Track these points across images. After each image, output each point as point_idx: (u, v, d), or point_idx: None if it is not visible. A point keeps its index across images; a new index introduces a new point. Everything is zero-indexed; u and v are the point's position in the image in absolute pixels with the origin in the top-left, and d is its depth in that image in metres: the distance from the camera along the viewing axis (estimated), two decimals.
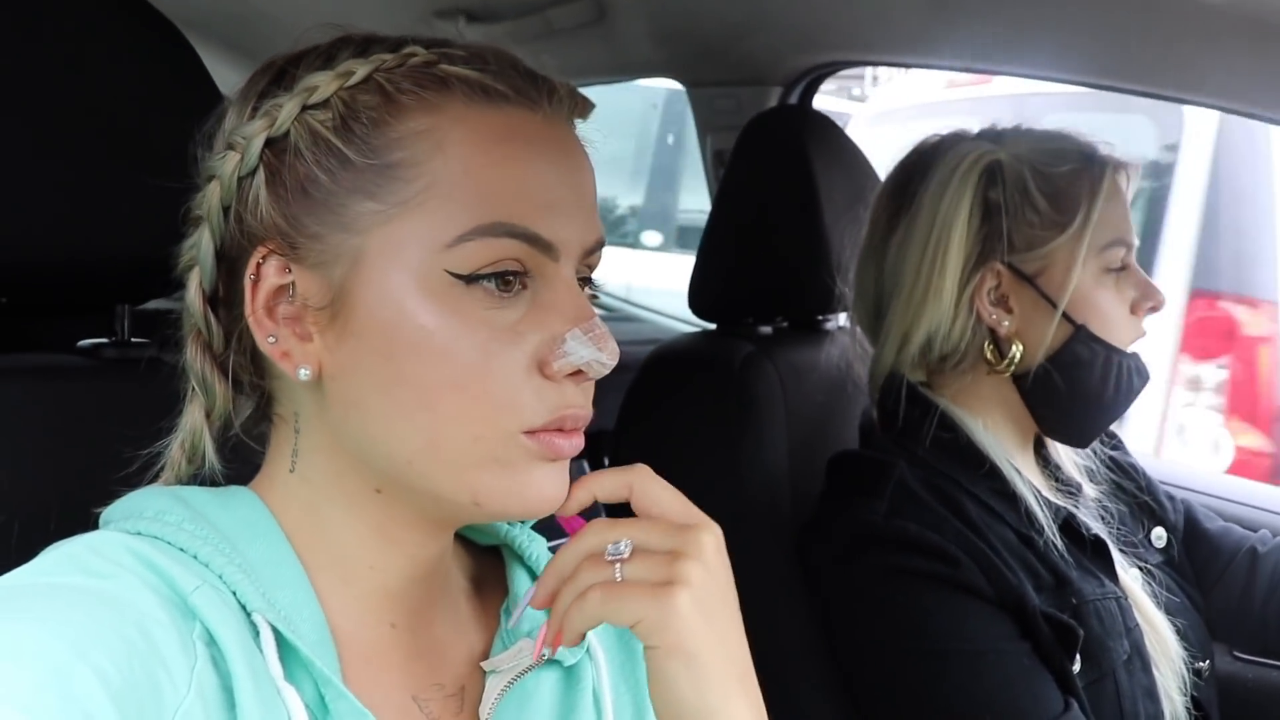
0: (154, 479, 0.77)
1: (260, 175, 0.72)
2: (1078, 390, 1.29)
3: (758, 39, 1.86)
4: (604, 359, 0.72)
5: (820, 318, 1.67)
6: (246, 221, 0.72)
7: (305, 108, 0.71)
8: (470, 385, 0.69)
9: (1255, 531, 1.49)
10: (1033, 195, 1.28)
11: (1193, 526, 1.49)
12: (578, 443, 0.74)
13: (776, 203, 1.51)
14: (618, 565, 0.73)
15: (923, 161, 1.35)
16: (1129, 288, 1.31)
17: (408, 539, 0.76)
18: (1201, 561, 1.47)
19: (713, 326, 1.62)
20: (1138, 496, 1.46)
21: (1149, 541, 1.44)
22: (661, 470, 1.43)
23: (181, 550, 0.70)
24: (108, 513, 0.75)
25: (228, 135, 0.74)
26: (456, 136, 0.70)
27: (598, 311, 0.75)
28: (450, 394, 0.69)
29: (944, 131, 1.38)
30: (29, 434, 0.87)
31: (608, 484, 0.77)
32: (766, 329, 1.59)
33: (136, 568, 0.67)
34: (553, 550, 0.92)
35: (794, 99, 1.99)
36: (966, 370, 1.33)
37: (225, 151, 0.73)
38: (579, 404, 0.73)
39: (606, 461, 1.98)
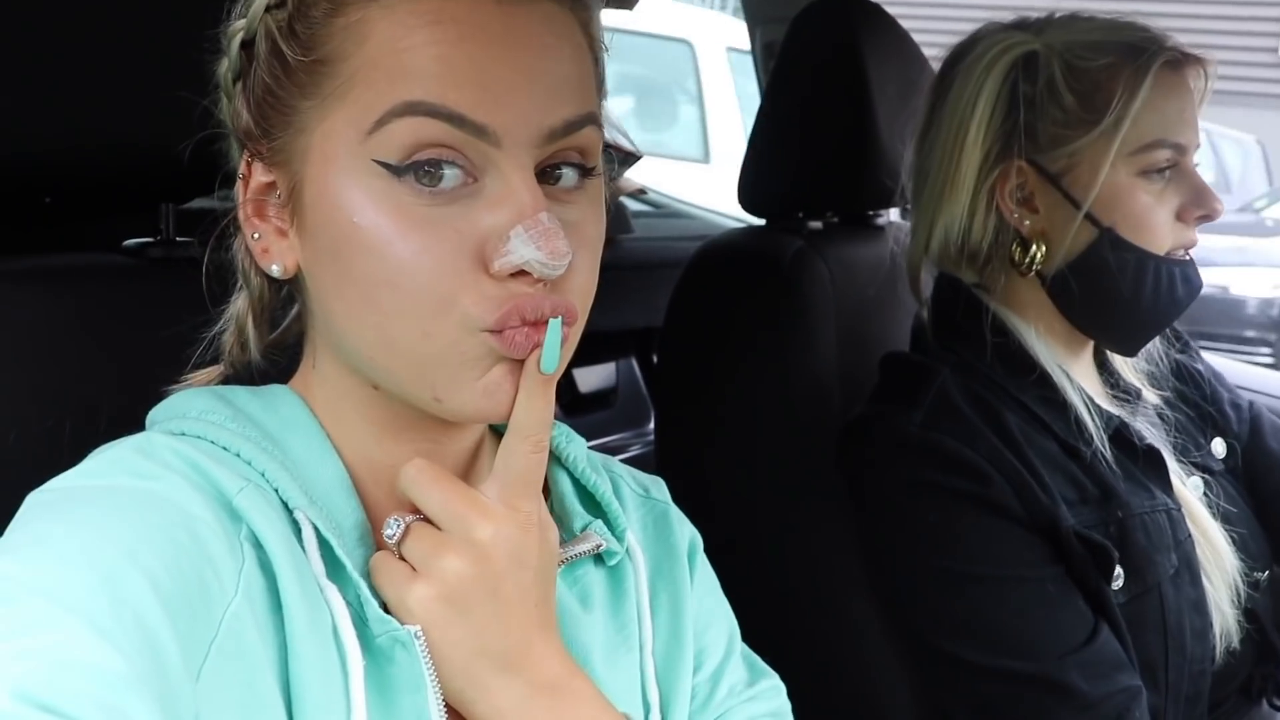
0: (207, 366, 0.78)
1: (240, 79, 0.73)
2: (1104, 295, 1.25)
3: None
4: (545, 259, 0.66)
5: (871, 213, 1.64)
6: (235, 123, 0.74)
7: (268, 7, 0.70)
8: (404, 282, 0.67)
9: None
10: (1059, 90, 1.22)
11: (1257, 440, 1.46)
12: (531, 333, 0.69)
13: (827, 96, 1.48)
14: (395, 545, 0.71)
15: (958, 53, 1.30)
16: (1176, 193, 1.23)
17: (418, 436, 0.75)
18: (1260, 475, 1.44)
19: (762, 222, 1.60)
20: (1201, 406, 1.43)
21: (1210, 451, 1.41)
22: (711, 366, 1.43)
23: (225, 449, 0.71)
24: (154, 413, 0.76)
25: (221, 35, 0.74)
26: (382, 25, 0.67)
27: (640, 207, 0.73)
28: (388, 291, 0.67)
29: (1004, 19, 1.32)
30: (78, 335, 0.87)
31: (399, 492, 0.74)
32: (817, 224, 1.57)
33: (183, 469, 0.67)
34: (593, 450, 0.92)
35: None
36: (1003, 272, 1.29)
37: (221, 57, 0.74)
38: (529, 293, 0.68)
39: (654, 359, 1.98)
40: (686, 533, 0.93)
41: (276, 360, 0.79)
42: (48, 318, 0.86)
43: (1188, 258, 1.26)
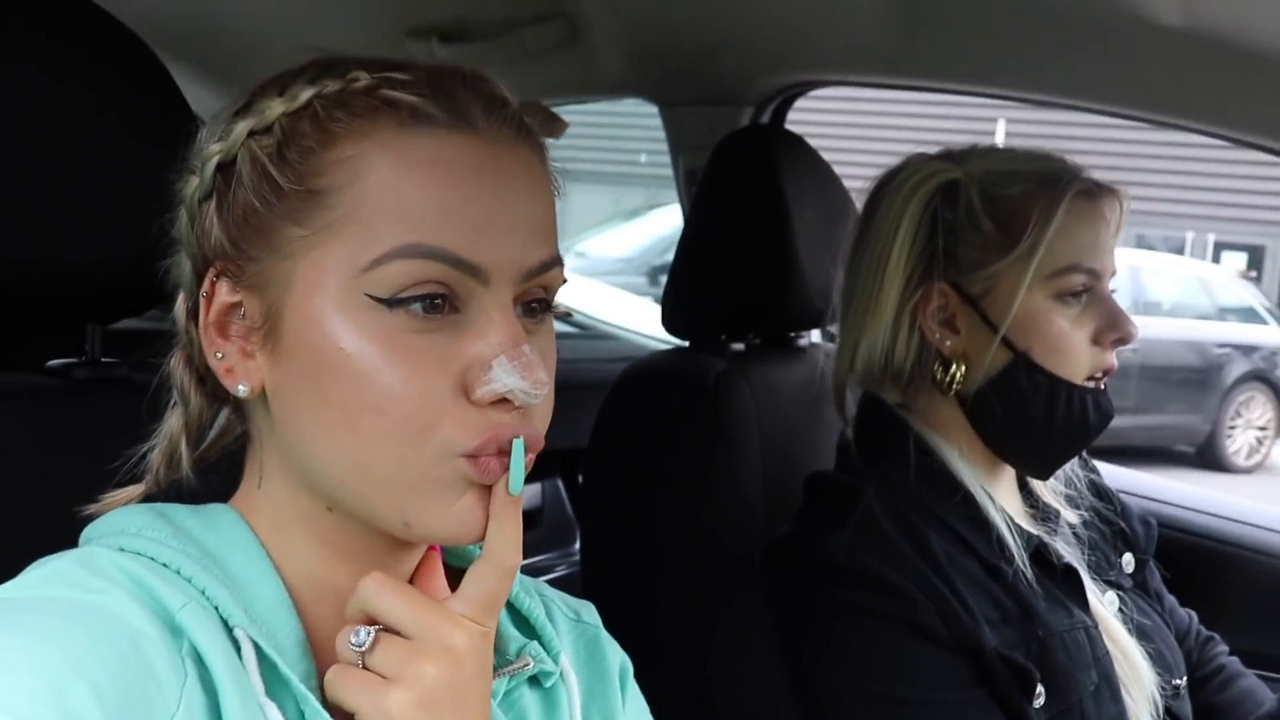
0: (130, 484, 0.78)
1: (213, 199, 0.73)
2: (1019, 418, 1.28)
3: (729, 59, 1.87)
4: (529, 388, 0.70)
5: (793, 334, 1.68)
6: (203, 242, 0.74)
7: (252, 132, 0.72)
8: (391, 408, 0.69)
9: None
10: (977, 216, 1.27)
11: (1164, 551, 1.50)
12: (500, 463, 0.72)
13: (748, 221, 1.52)
14: (359, 655, 0.71)
15: (884, 179, 1.34)
16: (1092, 317, 1.27)
17: (366, 557, 0.75)
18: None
19: (685, 344, 1.62)
20: (1114, 522, 1.46)
21: (1121, 567, 1.44)
22: (636, 486, 1.44)
23: (165, 566, 0.70)
24: (90, 530, 0.75)
25: (194, 157, 0.75)
26: (380, 162, 0.70)
27: (566, 329, 0.75)
28: (371, 416, 0.69)
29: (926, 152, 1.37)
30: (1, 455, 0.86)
31: (348, 614, 0.73)
32: (739, 346, 1.60)
33: (126, 583, 0.67)
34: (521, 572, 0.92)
35: (766, 119, 2.01)
36: (921, 390, 1.32)
37: (189, 176, 0.75)
38: (507, 422, 0.71)
39: (580, 479, 1.98)
40: (618, 657, 0.94)
41: (209, 480, 0.79)
42: None
43: (1101, 385, 1.29)
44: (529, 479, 0.74)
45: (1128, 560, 1.45)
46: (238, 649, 0.69)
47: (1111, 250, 1.29)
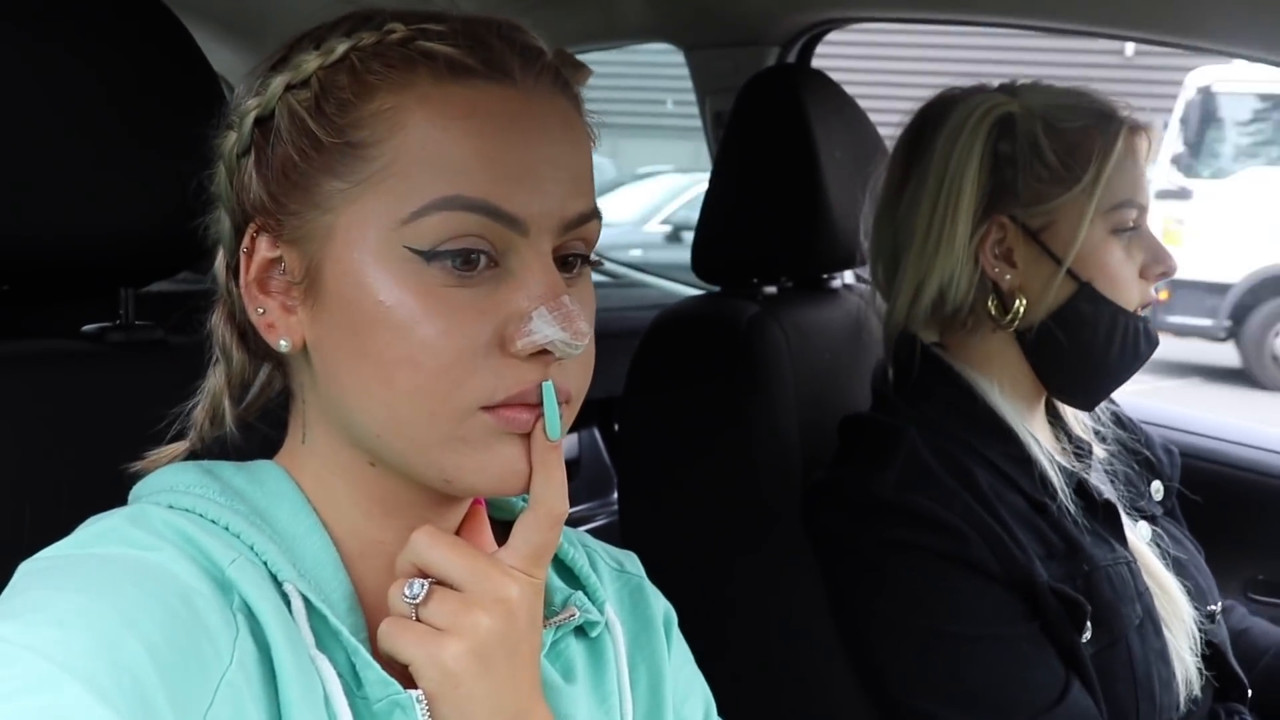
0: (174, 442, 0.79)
1: (252, 154, 0.73)
2: (1080, 349, 1.29)
3: None
4: (569, 339, 0.70)
5: (825, 276, 1.67)
6: (242, 198, 0.74)
7: (289, 86, 0.72)
8: (426, 362, 0.69)
9: None
10: (1043, 150, 1.27)
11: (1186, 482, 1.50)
12: (533, 411, 0.72)
13: (776, 162, 1.51)
14: (412, 606, 0.71)
15: (935, 113, 1.33)
16: (1139, 250, 1.29)
17: (411, 513, 0.76)
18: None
19: (717, 289, 1.62)
20: (1139, 451, 1.46)
21: (1150, 496, 1.44)
22: (671, 432, 1.44)
23: (213, 522, 0.71)
24: (138, 488, 0.76)
25: (231, 112, 0.75)
26: (419, 114, 0.70)
27: (598, 277, 0.75)
28: (406, 370, 0.69)
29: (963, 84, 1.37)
30: (37, 421, 0.87)
31: (398, 566, 0.74)
32: (771, 289, 1.59)
33: (176, 540, 0.68)
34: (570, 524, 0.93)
35: (792, 58, 1.98)
36: (974, 328, 1.32)
37: (226, 131, 0.75)
38: (537, 376, 0.71)
39: (616, 428, 1.99)
40: (661, 606, 0.94)
41: (251, 436, 0.79)
42: (8, 404, 0.86)
43: (1146, 315, 1.30)
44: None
45: (1156, 488, 1.45)
46: (287, 604, 0.70)
47: (1148, 186, 1.31)
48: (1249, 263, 8.06)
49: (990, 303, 1.30)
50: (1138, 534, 1.35)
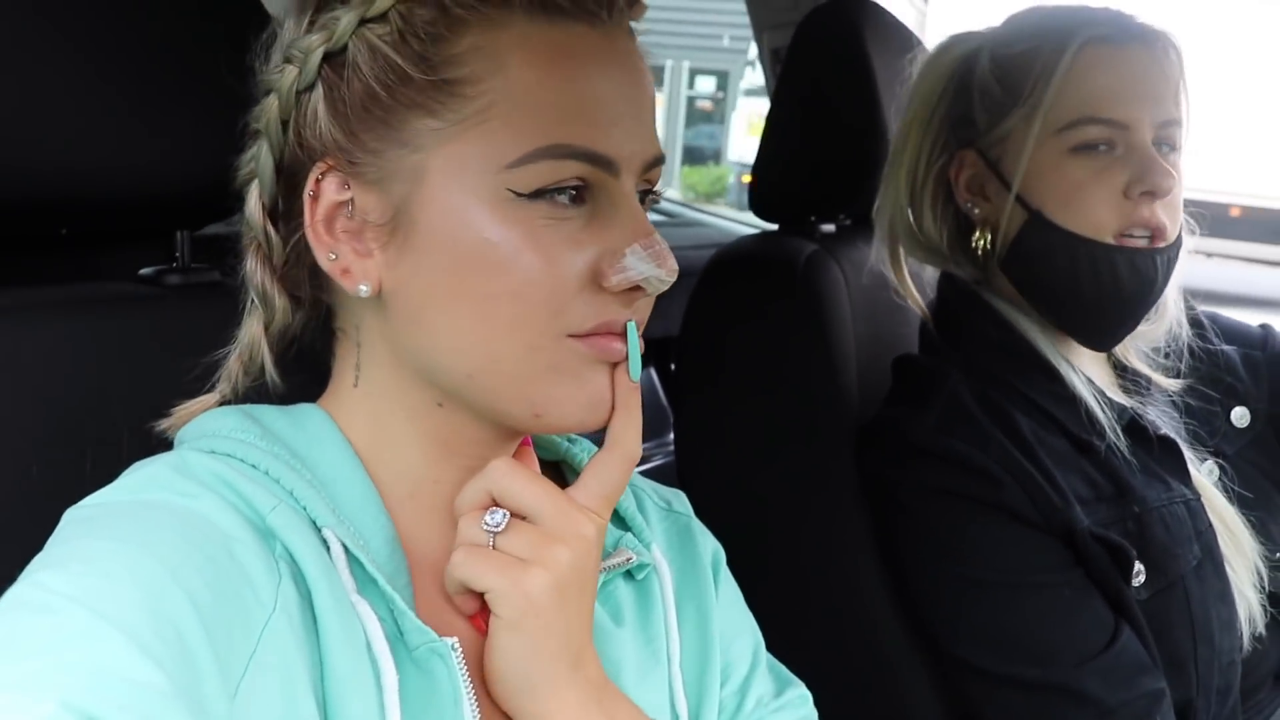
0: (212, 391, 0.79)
1: (319, 90, 0.72)
2: (1044, 283, 1.24)
3: None
4: (663, 275, 0.72)
5: None
6: (305, 137, 0.73)
7: (363, 21, 0.71)
8: (530, 295, 0.70)
9: None
10: (986, 79, 1.26)
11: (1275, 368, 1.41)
12: (621, 340, 0.74)
13: (835, 99, 1.48)
14: (492, 535, 0.72)
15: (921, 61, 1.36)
16: (1121, 170, 1.19)
17: (471, 453, 0.77)
18: None
19: (774, 227, 1.60)
20: (1219, 379, 1.39)
21: (1230, 428, 1.39)
22: (728, 372, 1.43)
23: (254, 467, 0.71)
24: (182, 432, 0.76)
25: (285, 48, 0.74)
26: (518, 55, 0.69)
27: (655, 216, 0.74)
28: (509, 304, 0.69)
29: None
30: (95, 364, 0.88)
31: (466, 495, 0.75)
32: (829, 227, 1.57)
33: (218, 487, 0.69)
34: None
35: None
36: (981, 263, 1.31)
37: (283, 65, 0.73)
38: (624, 312, 0.73)
39: (673, 368, 1.98)
40: (709, 545, 0.94)
41: (292, 382, 0.79)
42: (69, 347, 0.87)
43: (1141, 244, 1.20)
44: None
45: (1240, 414, 1.38)
46: (328, 549, 0.70)
47: (1147, 99, 1.20)
48: None
49: (974, 237, 1.29)
50: (1202, 472, 1.32)
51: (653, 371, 2.23)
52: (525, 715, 0.73)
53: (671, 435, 2.07)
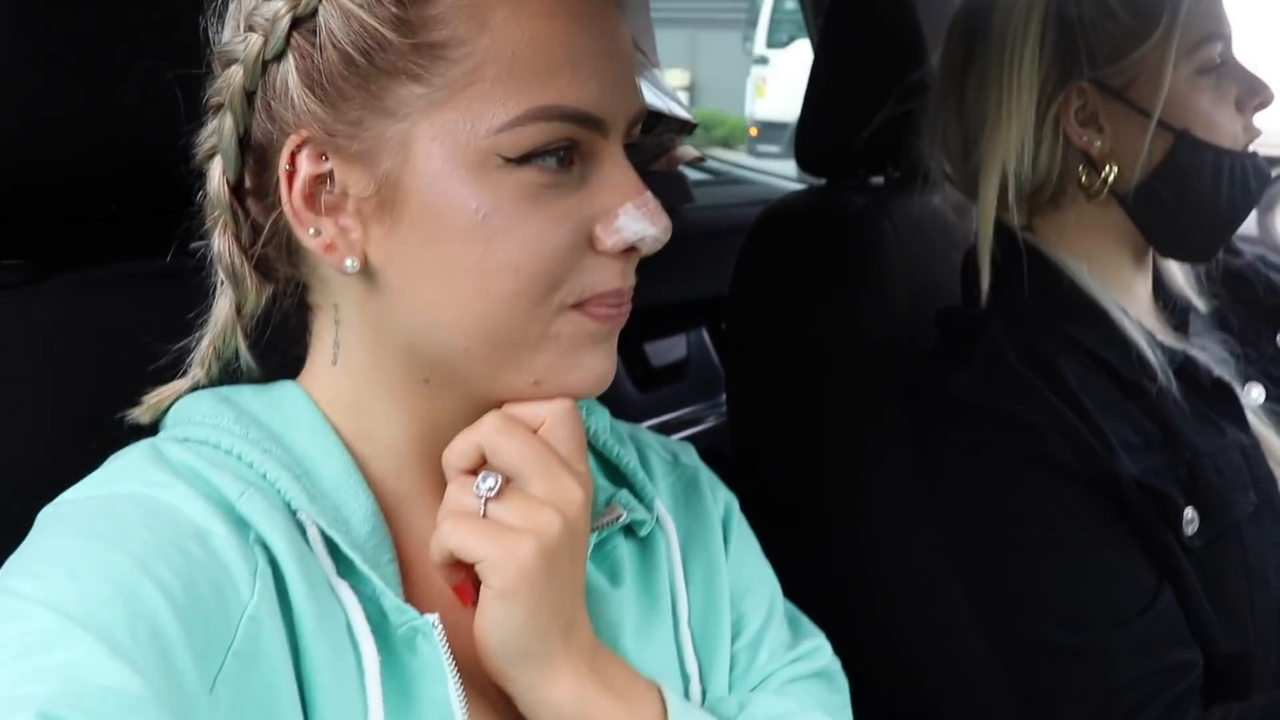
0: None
1: (289, 60, 0.69)
2: (1189, 200, 1.22)
3: None
4: (657, 234, 0.71)
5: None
6: (275, 109, 0.70)
7: None
8: (527, 265, 0.68)
9: None
10: (1108, 4, 1.21)
11: None
12: (625, 313, 0.73)
13: (879, 47, 1.46)
14: (483, 501, 0.70)
15: None
16: (1231, 84, 1.22)
17: (454, 426, 0.74)
18: None
19: (823, 181, 1.58)
20: (1259, 301, 1.38)
21: (1277, 347, 1.36)
22: (779, 329, 1.42)
23: (228, 453, 0.70)
24: (165, 419, 0.75)
25: (247, 15, 0.70)
26: (501, 13, 0.67)
27: (700, 175, 0.73)
28: (505, 275, 0.68)
29: None
30: (153, 338, 0.88)
31: (457, 447, 0.72)
32: (878, 180, 1.55)
33: (189, 476, 0.67)
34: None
35: None
36: (1066, 204, 1.27)
37: (246, 34, 0.69)
38: (621, 280, 0.72)
39: (724, 326, 1.97)
40: (721, 497, 0.93)
41: (268, 362, 0.78)
42: (128, 322, 0.86)
43: (1253, 150, 1.24)
44: (674, 331, 0.73)
45: None
46: (305, 532, 0.69)
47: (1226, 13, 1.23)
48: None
49: (1081, 172, 1.25)
50: (1249, 399, 1.29)
51: (704, 331, 2.22)
52: (518, 685, 0.71)
53: (724, 395, 2.07)
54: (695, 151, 2.24)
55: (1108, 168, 1.23)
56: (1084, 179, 1.25)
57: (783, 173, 2.71)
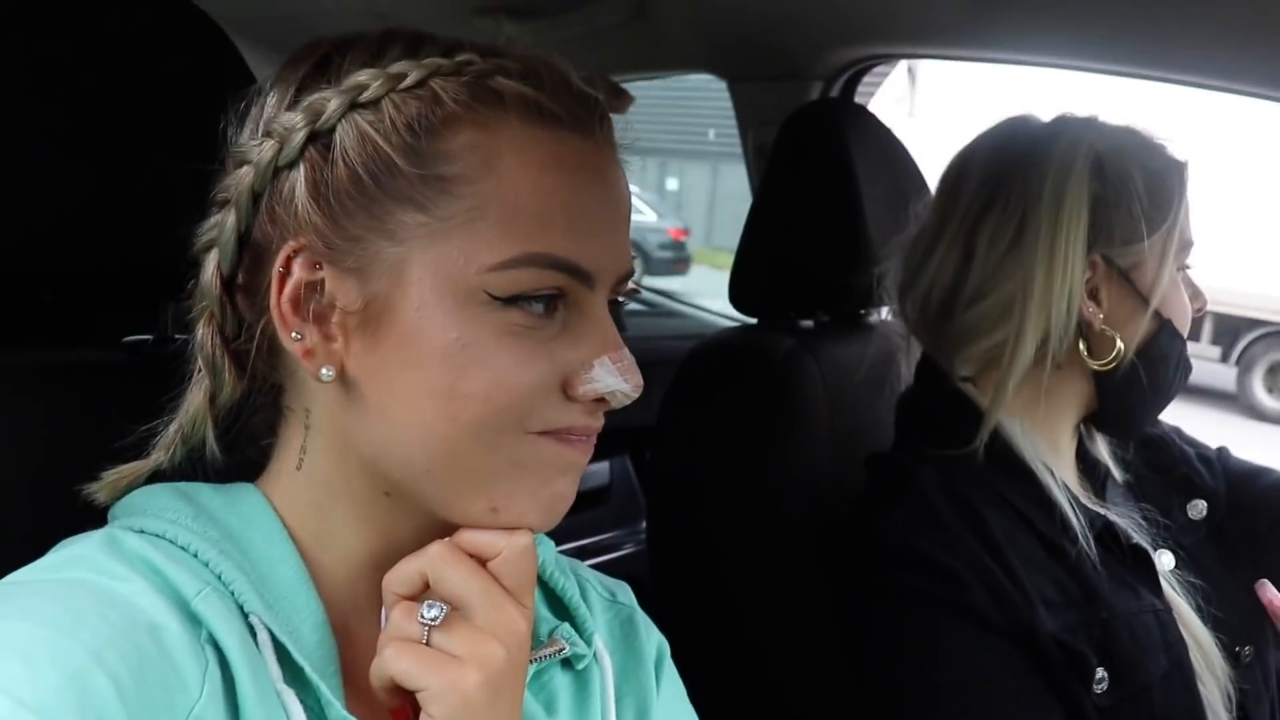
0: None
1: (300, 170, 0.70)
2: (1157, 384, 1.28)
3: (798, 32, 1.85)
4: (628, 390, 0.73)
5: (862, 311, 1.66)
6: (278, 213, 0.72)
7: (354, 105, 0.70)
8: (497, 398, 0.69)
9: None
10: (1137, 188, 1.25)
11: (1236, 482, 1.43)
12: (587, 449, 0.74)
13: (818, 196, 1.50)
14: (426, 629, 0.70)
15: (1025, 147, 1.28)
16: (1186, 287, 1.30)
17: (413, 542, 0.74)
18: (1250, 513, 1.41)
19: (754, 321, 1.61)
20: (1171, 471, 1.42)
21: (1185, 519, 1.39)
22: (703, 464, 1.44)
23: (184, 549, 0.70)
24: (116, 508, 0.75)
25: (266, 122, 0.72)
26: (510, 159, 0.69)
27: (635, 306, 0.75)
28: (475, 405, 0.69)
29: (1031, 116, 1.33)
30: (75, 430, 0.87)
31: (400, 573, 0.72)
32: (808, 323, 1.58)
33: (145, 570, 0.67)
34: (562, 554, 0.92)
35: (835, 93, 1.98)
36: (1054, 368, 1.27)
37: (263, 139, 0.71)
38: (590, 420, 0.74)
39: (647, 456, 1.98)
40: (654, 638, 0.93)
41: (231, 456, 0.78)
42: (48, 413, 0.86)
43: None
44: (598, 457, 0.75)
45: (1198, 507, 1.40)
46: (254, 635, 0.68)
47: None
48: None
49: (1078, 342, 1.27)
50: (1161, 565, 1.32)
51: (627, 460, 2.23)
52: None
53: (644, 523, 2.07)
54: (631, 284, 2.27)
55: (1119, 342, 1.26)
56: (1087, 348, 1.27)
57: (716, 310, 2.75)
